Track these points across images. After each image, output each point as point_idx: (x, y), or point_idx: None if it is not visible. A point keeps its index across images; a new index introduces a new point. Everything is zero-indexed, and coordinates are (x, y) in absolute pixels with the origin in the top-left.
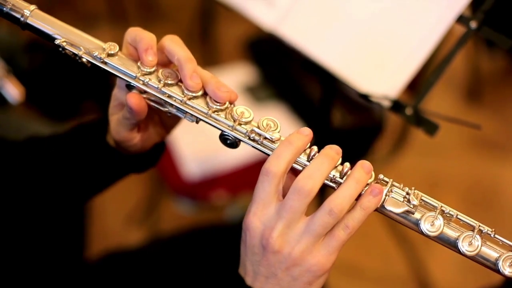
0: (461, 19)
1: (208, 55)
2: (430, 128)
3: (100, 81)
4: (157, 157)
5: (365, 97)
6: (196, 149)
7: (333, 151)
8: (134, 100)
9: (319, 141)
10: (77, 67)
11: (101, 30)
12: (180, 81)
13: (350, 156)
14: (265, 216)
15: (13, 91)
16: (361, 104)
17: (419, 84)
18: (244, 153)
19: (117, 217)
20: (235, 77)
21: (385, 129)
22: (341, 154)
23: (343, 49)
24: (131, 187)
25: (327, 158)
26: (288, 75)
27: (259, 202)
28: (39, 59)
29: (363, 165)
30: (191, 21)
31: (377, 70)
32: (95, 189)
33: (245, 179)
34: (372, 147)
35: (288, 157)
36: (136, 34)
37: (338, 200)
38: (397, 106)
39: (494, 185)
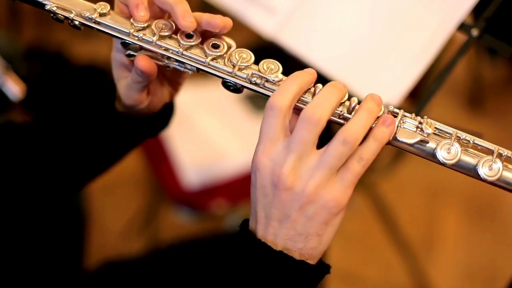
0: (463, 27)
1: None
2: None
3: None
4: (168, 118)
5: None
6: (195, 157)
7: (339, 83)
8: (143, 62)
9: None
10: (76, 75)
11: (101, 39)
12: (175, 32)
13: None
14: (274, 153)
15: (14, 88)
16: None
17: (420, 92)
18: (244, 161)
19: (116, 227)
20: None
21: None
22: (347, 88)
23: (343, 57)
24: (130, 196)
25: (334, 88)
26: None
27: (266, 139)
28: (37, 67)
29: (373, 96)
30: None
31: (378, 78)
32: (109, 160)
33: (245, 188)
34: None
35: (293, 91)
36: None
37: (352, 129)
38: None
39: (496, 194)
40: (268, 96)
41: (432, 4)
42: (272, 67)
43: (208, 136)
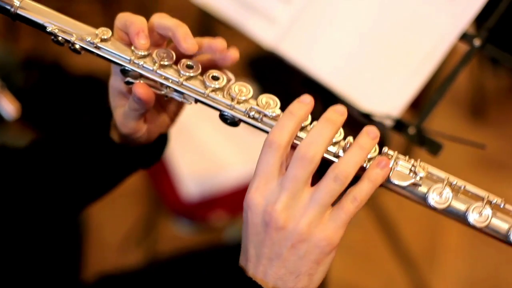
0: (465, 37)
1: None
2: (434, 148)
3: (98, 99)
4: (161, 150)
5: (367, 116)
6: (194, 168)
7: (335, 114)
8: (141, 89)
9: (321, 161)
10: (74, 85)
11: None
12: (176, 62)
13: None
14: (267, 191)
15: (8, 107)
16: (363, 123)
17: (422, 102)
18: (244, 173)
19: (114, 238)
20: None
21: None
22: (345, 115)
23: (345, 67)
24: (128, 208)
25: (328, 123)
26: (289, 94)
27: (261, 176)
28: (35, 77)
29: (369, 130)
30: None
31: (379, 88)
32: (102, 189)
33: None
34: None
35: (291, 127)
36: (126, 19)
37: (343, 166)
38: (399, 125)
39: None
40: (265, 131)
41: (434, 14)
42: (270, 102)
43: (207, 147)
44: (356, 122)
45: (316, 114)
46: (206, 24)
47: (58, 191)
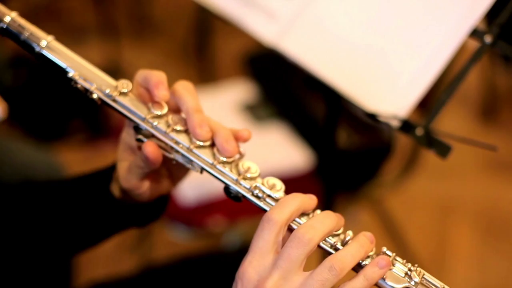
0: (475, 33)
1: (205, 71)
2: (442, 149)
3: (88, 100)
4: (160, 211)
5: (372, 116)
6: (191, 172)
7: (336, 213)
8: (151, 149)
9: (324, 164)
10: (63, 85)
11: (89, 45)
12: (188, 129)
13: (357, 180)
14: (261, 267)
15: None
16: (368, 124)
17: (431, 102)
18: None
19: (107, 245)
20: (233, 95)
21: (394, 151)
22: (343, 221)
23: (349, 64)
24: None
25: (330, 215)
26: (290, 93)
27: (256, 251)
28: (23, 75)
29: (366, 234)
30: (186, 35)
31: (386, 87)
32: (91, 242)
33: (243, 205)
34: (380, 170)
35: (292, 208)
36: (146, 73)
37: (340, 257)
38: (406, 126)
39: (509, 211)
40: (266, 210)
41: (443, 10)
42: (276, 185)
43: None
44: (361, 123)
45: (318, 113)
46: (203, 19)
47: (44, 238)
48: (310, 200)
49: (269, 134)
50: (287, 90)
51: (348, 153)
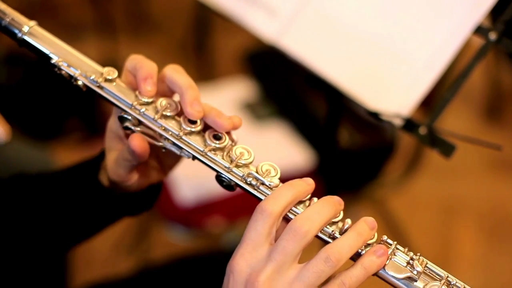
0: (480, 30)
1: (204, 69)
2: (446, 149)
3: (85, 98)
4: (152, 199)
5: (375, 115)
6: (190, 172)
7: (335, 199)
8: (137, 141)
9: (325, 164)
10: (59, 82)
11: (86, 42)
12: (179, 114)
13: (359, 180)
14: (253, 259)
15: None
16: (370, 122)
17: (434, 101)
18: None
19: (104, 245)
20: (233, 93)
21: (397, 150)
22: (343, 206)
23: (350, 62)
24: None
25: (328, 203)
26: (291, 91)
27: (248, 243)
28: (19, 73)
29: (367, 220)
30: (184, 32)
31: (388, 85)
32: (85, 234)
33: (243, 204)
34: (382, 170)
35: (287, 199)
36: (137, 61)
37: (336, 248)
38: (409, 125)
39: None
40: (260, 199)
41: (446, 6)
42: (271, 171)
43: None
44: (364, 122)
45: (319, 112)
46: (202, 15)
47: (36, 231)
48: (307, 186)
49: (269, 133)
50: (287, 88)
51: (350, 153)
